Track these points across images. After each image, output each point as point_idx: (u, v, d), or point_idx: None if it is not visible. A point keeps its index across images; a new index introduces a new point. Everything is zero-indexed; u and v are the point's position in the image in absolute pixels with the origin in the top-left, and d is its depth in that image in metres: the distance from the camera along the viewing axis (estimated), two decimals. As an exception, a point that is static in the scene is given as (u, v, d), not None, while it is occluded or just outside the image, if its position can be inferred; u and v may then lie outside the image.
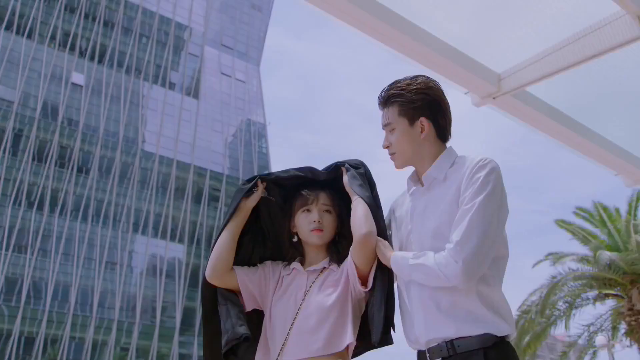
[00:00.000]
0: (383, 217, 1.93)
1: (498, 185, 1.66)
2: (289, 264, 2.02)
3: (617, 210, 14.24)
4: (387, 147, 1.87)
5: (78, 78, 42.99)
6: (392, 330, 1.82)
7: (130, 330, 38.68)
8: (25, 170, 38.68)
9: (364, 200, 1.87)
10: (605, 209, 14.12)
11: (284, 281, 1.97)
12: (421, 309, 1.71)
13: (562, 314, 13.38)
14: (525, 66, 2.69)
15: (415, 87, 1.83)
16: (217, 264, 1.95)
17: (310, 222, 1.95)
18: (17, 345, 34.99)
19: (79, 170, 41.03)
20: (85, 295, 38.19)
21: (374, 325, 1.78)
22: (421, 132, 1.82)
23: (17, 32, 41.51)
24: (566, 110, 3.06)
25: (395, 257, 1.76)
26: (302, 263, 2.00)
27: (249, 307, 1.98)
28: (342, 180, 2.01)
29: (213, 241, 2.00)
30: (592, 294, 13.54)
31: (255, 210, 2.07)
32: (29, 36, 41.99)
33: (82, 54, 44.10)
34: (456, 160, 1.79)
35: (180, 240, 43.48)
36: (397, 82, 1.88)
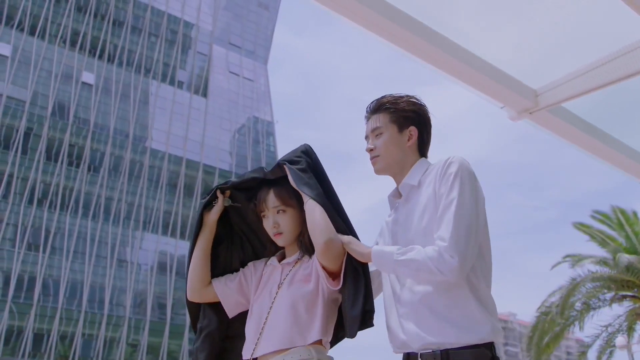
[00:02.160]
0: (341, 208, 1.93)
1: (470, 178, 1.72)
2: (269, 259, 2.04)
3: (635, 213, 14.32)
4: (370, 150, 1.91)
5: (88, 77, 43.22)
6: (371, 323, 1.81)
7: (139, 327, 38.96)
8: (37, 168, 38.98)
9: (315, 200, 1.84)
10: (623, 212, 14.22)
11: (263, 278, 1.99)
12: (413, 314, 1.72)
13: (578, 315, 13.45)
14: (563, 83, 2.77)
15: (407, 100, 1.93)
16: (193, 284, 2.01)
17: (270, 228, 1.95)
18: (27, 342, 35.30)
19: (89, 168, 41.30)
20: (93, 292, 38.47)
21: (348, 322, 1.78)
22: (408, 140, 1.90)
23: (28, 32, 41.76)
24: (597, 122, 3.14)
25: (377, 252, 1.75)
26: (284, 256, 2.01)
27: (233, 314, 2.02)
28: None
29: (187, 261, 2.06)
30: (608, 295, 13.62)
31: (228, 219, 2.08)
32: (40, 36, 42.23)
33: (92, 53, 44.31)
34: (429, 168, 1.85)
35: (190, 238, 43.68)
36: (389, 94, 1.97)
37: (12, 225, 37.07)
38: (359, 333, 1.82)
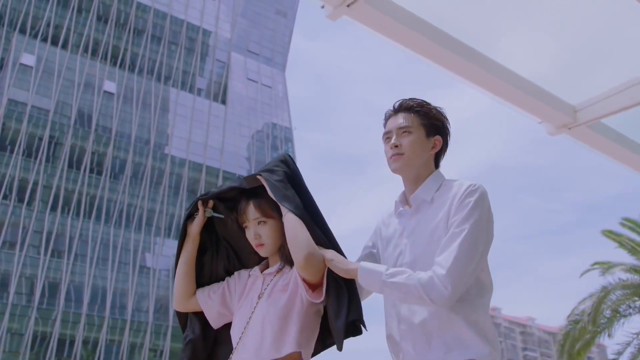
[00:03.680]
0: (321, 219, 1.91)
1: (486, 212, 1.71)
2: (252, 269, 2.03)
3: (665, 220, 14.17)
4: (395, 146, 1.87)
5: (109, 86, 43.92)
6: (363, 329, 1.81)
7: (159, 332, 39.32)
8: (60, 176, 39.66)
9: (294, 213, 1.82)
10: (652, 219, 14.09)
11: (246, 288, 1.98)
12: (410, 334, 1.73)
13: (608, 323, 13.38)
14: (602, 99, 2.81)
15: (437, 110, 1.94)
16: (177, 295, 2.03)
17: (251, 239, 1.94)
18: (53, 347, 35.82)
19: (110, 175, 41.91)
20: (114, 297, 38.93)
21: (334, 335, 1.77)
22: (432, 147, 1.89)
23: (51, 42, 42.59)
24: (637, 137, 3.16)
25: (364, 270, 1.73)
26: (267, 266, 2.00)
27: (217, 325, 2.01)
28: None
29: (172, 272, 2.09)
30: (639, 302, 13.49)
31: (214, 228, 2.08)
32: (63, 46, 43.06)
33: (112, 62, 45.03)
34: (443, 184, 1.84)
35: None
36: (417, 98, 1.96)
37: (36, 233, 37.74)
38: (360, 338, 1.83)
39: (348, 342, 1.83)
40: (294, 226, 1.80)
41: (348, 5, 2.17)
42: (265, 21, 55.56)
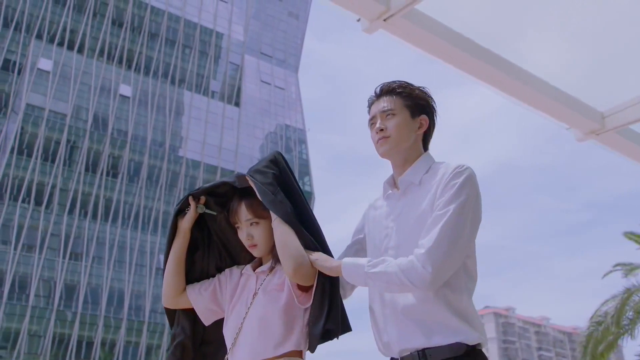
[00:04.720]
0: (311, 221, 1.89)
1: (473, 194, 1.66)
2: (244, 267, 2.01)
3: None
4: (381, 130, 1.83)
5: (125, 89, 44.36)
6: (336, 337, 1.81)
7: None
8: (77, 180, 40.14)
9: (283, 220, 1.81)
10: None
11: (239, 287, 1.96)
12: (394, 319, 1.70)
13: (630, 325, 13.33)
14: (630, 105, 2.86)
15: (420, 89, 1.90)
16: (167, 292, 1.99)
17: (244, 240, 1.91)
18: (72, 349, 36.23)
19: (127, 178, 42.33)
20: (131, 299, 39.28)
21: (310, 339, 1.79)
22: (419, 128, 1.85)
23: (68, 47, 43.12)
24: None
25: (347, 265, 1.72)
26: (259, 264, 1.98)
27: (208, 321, 1.99)
28: None
29: (162, 268, 2.07)
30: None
31: (206, 224, 2.05)
32: (79, 51, 43.58)
33: (128, 65, 45.47)
34: (432, 166, 1.80)
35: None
36: (399, 80, 1.92)
37: (54, 235, 38.22)
38: (355, 338, 1.83)
39: (346, 343, 1.86)
40: (282, 235, 1.80)
41: (385, 20, 2.23)
42: (277, 23, 55.75)
